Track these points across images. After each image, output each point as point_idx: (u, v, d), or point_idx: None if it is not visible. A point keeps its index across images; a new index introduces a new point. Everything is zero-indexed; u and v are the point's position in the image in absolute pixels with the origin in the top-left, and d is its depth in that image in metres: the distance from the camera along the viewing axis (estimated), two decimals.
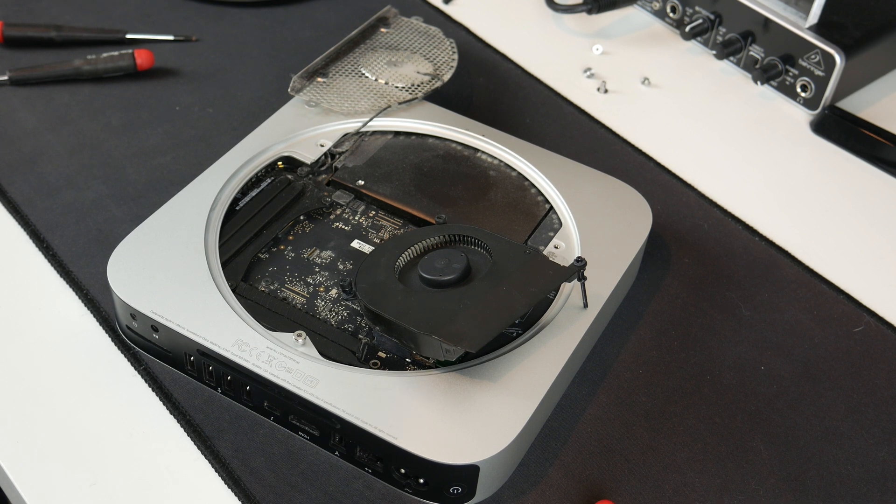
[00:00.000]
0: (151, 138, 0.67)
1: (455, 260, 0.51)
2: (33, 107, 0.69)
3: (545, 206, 0.60)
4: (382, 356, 0.51)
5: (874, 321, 0.59)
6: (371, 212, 0.60)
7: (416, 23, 0.72)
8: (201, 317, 0.51)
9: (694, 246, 0.63)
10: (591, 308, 0.53)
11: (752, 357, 0.57)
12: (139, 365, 0.54)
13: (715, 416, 0.54)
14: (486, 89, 0.74)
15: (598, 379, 0.55)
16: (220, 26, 0.77)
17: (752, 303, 0.60)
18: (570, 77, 0.76)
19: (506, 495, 0.49)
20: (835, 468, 0.52)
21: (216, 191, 0.58)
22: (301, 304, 0.54)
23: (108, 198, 0.63)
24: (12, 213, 0.61)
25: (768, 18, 0.73)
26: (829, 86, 0.72)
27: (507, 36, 0.79)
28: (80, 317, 0.56)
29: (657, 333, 0.58)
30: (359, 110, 0.64)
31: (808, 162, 0.71)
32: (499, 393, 0.49)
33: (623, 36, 0.81)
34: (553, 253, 0.57)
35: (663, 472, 0.51)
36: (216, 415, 0.52)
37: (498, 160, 0.63)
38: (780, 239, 0.64)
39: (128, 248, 0.54)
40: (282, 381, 0.48)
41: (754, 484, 0.51)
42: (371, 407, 0.48)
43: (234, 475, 0.49)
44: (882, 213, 0.67)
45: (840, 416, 0.54)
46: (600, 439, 0.52)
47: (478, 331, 0.47)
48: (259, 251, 0.56)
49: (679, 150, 0.71)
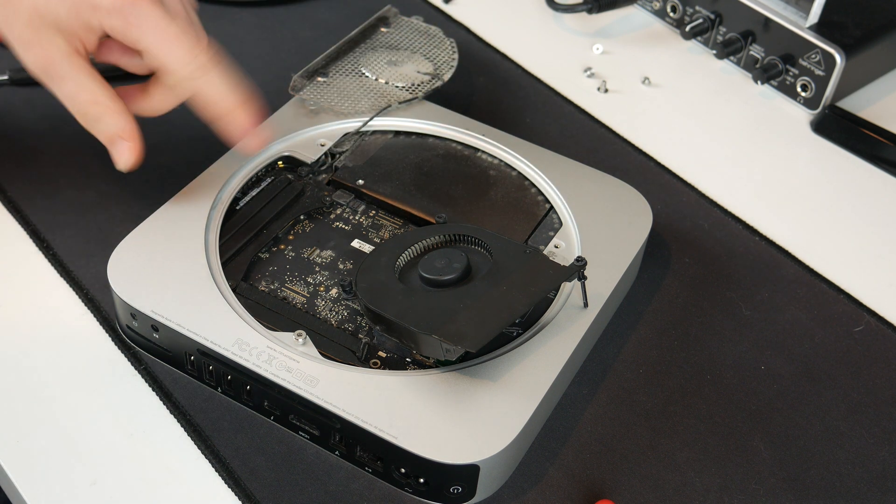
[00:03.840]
0: (151, 138, 0.67)
1: (455, 259, 0.51)
2: (33, 107, 0.69)
3: (545, 206, 0.60)
4: (383, 356, 0.51)
5: (874, 321, 0.59)
6: (371, 211, 0.60)
7: (416, 22, 0.72)
8: (201, 316, 0.51)
9: (694, 246, 0.63)
10: (591, 308, 0.53)
11: (752, 357, 0.57)
12: (139, 365, 0.54)
13: (715, 415, 0.54)
14: (487, 89, 0.74)
15: (598, 379, 0.55)
16: (220, 26, 0.77)
17: (752, 302, 0.60)
18: (571, 77, 0.76)
19: (506, 495, 0.49)
20: (835, 468, 0.52)
21: (216, 190, 0.58)
22: (301, 304, 0.54)
23: (108, 198, 0.63)
24: (12, 212, 0.61)
25: (768, 18, 0.73)
26: (830, 85, 0.72)
27: (507, 36, 0.79)
28: (80, 317, 0.56)
29: (657, 333, 0.58)
30: (359, 110, 0.64)
31: (808, 161, 0.71)
32: (499, 393, 0.49)
33: (623, 35, 0.81)
34: (553, 252, 0.57)
35: (663, 471, 0.51)
36: (216, 414, 0.52)
37: (498, 160, 0.63)
38: (780, 239, 0.64)
39: (128, 248, 0.54)
40: (282, 380, 0.48)
41: (754, 484, 0.51)
42: (371, 406, 0.48)
43: (234, 475, 0.49)
44: (882, 213, 0.67)
45: (840, 416, 0.54)
46: (600, 439, 0.52)
47: (478, 330, 0.47)
48: (259, 251, 0.56)
49: (679, 149, 0.71)
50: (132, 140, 0.54)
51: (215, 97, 0.53)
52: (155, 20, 0.51)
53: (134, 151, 0.54)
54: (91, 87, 0.52)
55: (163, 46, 0.52)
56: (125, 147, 0.53)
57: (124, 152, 0.54)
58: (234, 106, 0.54)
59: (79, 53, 0.52)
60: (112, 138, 0.54)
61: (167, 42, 0.51)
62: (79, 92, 0.53)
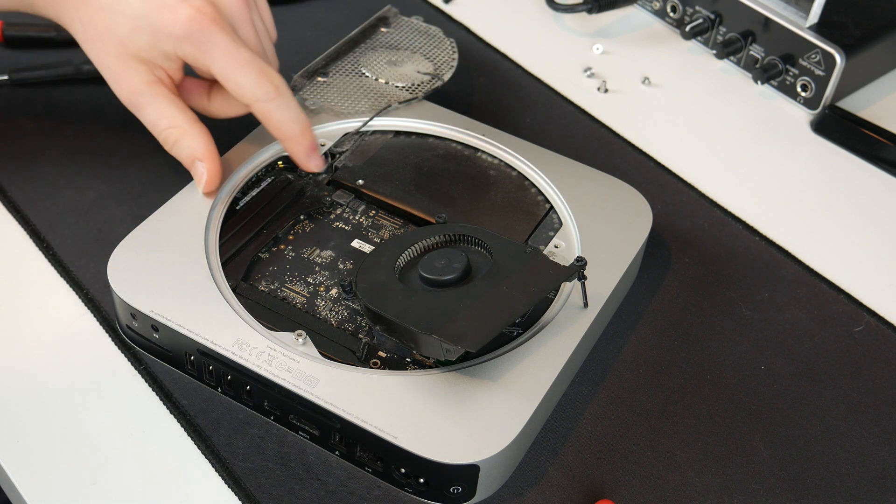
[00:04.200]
0: (151, 138, 0.67)
1: (455, 259, 0.51)
2: (33, 107, 0.69)
3: (545, 206, 0.60)
4: (383, 356, 0.51)
5: (874, 321, 0.59)
6: (371, 211, 0.60)
7: (416, 22, 0.72)
8: (201, 316, 0.51)
9: (694, 246, 0.63)
10: (591, 308, 0.53)
11: (752, 357, 0.57)
12: (139, 365, 0.54)
13: (715, 415, 0.54)
14: (487, 89, 0.74)
15: (598, 379, 0.55)
16: None
17: (752, 302, 0.60)
18: (571, 77, 0.76)
19: (506, 495, 0.49)
20: (835, 468, 0.52)
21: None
22: (301, 304, 0.54)
23: (108, 198, 0.63)
24: (12, 212, 0.61)
25: (768, 18, 0.73)
26: (830, 85, 0.72)
27: (507, 35, 0.79)
28: (80, 316, 0.56)
29: (657, 333, 0.58)
30: (359, 110, 0.64)
31: (808, 162, 0.71)
32: (499, 393, 0.49)
33: (623, 35, 0.81)
34: (553, 252, 0.57)
35: (663, 471, 0.51)
36: (216, 414, 0.52)
37: (498, 160, 0.63)
38: (780, 239, 0.64)
39: (128, 248, 0.54)
40: (282, 380, 0.48)
41: (754, 484, 0.51)
42: (371, 406, 0.48)
43: (234, 475, 0.49)
44: (882, 213, 0.67)
45: (840, 416, 0.54)
46: (600, 439, 0.52)
47: (478, 330, 0.47)
48: (259, 251, 0.56)
49: (679, 149, 0.71)
50: (208, 161, 0.56)
51: (279, 123, 0.56)
52: (224, 47, 0.54)
53: (209, 171, 0.56)
54: (170, 113, 0.56)
55: (231, 71, 0.54)
56: (202, 168, 0.56)
57: (201, 173, 0.56)
58: (298, 133, 0.57)
59: (161, 82, 0.56)
60: (190, 160, 0.57)
61: (235, 67, 0.54)
62: (159, 118, 0.56)
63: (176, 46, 0.54)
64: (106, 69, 0.56)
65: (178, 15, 0.53)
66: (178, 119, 0.56)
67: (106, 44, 0.55)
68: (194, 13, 0.53)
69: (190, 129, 0.56)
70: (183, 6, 0.54)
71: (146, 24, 0.54)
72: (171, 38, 0.54)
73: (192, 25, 0.53)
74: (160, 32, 0.54)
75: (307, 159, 0.58)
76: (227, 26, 0.55)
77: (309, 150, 0.58)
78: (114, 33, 0.55)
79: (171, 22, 0.53)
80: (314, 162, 0.59)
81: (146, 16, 0.54)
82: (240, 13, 0.56)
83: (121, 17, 0.54)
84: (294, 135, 0.57)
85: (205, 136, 0.57)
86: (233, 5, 0.56)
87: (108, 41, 0.55)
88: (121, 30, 0.54)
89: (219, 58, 0.54)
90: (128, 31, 0.54)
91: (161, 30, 0.54)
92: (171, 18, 0.53)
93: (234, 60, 0.54)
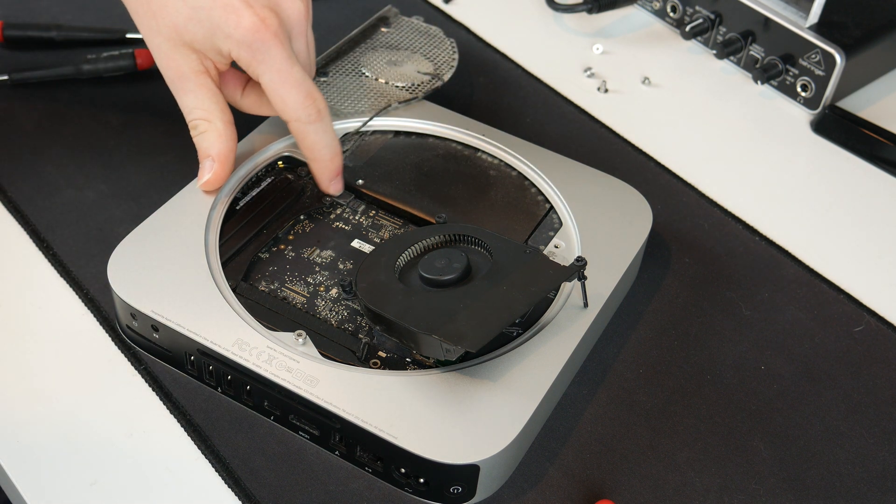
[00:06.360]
0: (151, 138, 0.67)
1: (455, 259, 0.51)
2: (33, 107, 0.69)
3: (545, 206, 0.60)
4: (383, 356, 0.51)
5: (874, 321, 0.59)
6: (371, 211, 0.60)
7: (416, 22, 0.72)
8: (201, 316, 0.51)
9: (694, 246, 0.63)
10: (591, 308, 0.53)
11: (752, 357, 0.57)
12: (139, 364, 0.54)
13: (715, 415, 0.54)
14: (487, 89, 0.74)
15: (598, 379, 0.55)
16: None
17: (752, 302, 0.60)
18: (571, 77, 0.76)
19: (506, 495, 0.49)
20: (835, 468, 0.52)
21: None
22: (301, 304, 0.54)
23: (108, 198, 0.63)
24: (12, 212, 0.61)
25: (768, 18, 0.73)
26: (830, 85, 0.72)
27: (507, 36, 0.79)
28: (80, 316, 0.56)
29: (657, 333, 0.58)
30: (359, 110, 0.64)
31: (808, 162, 0.71)
32: (499, 393, 0.49)
33: (623, 35, 0.81)
34: (553, 252, 0.57)
35: (663, 471, 0.51)
36: (216, 414, 0.52)
37: (498, 160, 0.63)
38: (780, 239, 0.64)
39: (128, 248, 0.54)
40: (282, 380, 0.48)
41: (754, 484, 0.51)
42: (371, 406, 0.48)
43: (234, 475, 0.49)
44: (882, 213, 0.67)
45: (840, 416, 0.54)
46: (600, 439, 0.52)
47: (478, 330, 0.47)
48: (259, 251, 0.56)
49: (679, 149, 0.71)
50: (220, 164, 0.57)
51: (312, 145, 0.57)
52: (279, 61, 0.54)
53: (215, 173, 0.57)
54: (207, 106, 0.56)
55: (280, 88, 0.55)
56: (210, 167, 0.57)
57: (207, 171, 0.57)
58: (328, 158, 0.57)
59: (207, 73, 0.56)
60: (205, 154, 0.57)
61: (285, 85, 0.54)
62: (195, 107, 0.56)
63: (232, 48, 0.54)
64: (156, 48, 0.56)
65: (242, 20, 0.53)
66: (214, 114, 0.56)
67: (160, 24, 0.54)
68: (259, 24, 0.53)
69: (220, 127, 0.56)
70: (248, 12, 0.53)
71: (206, 17, 0.53)
72: (229, 39, 0.53)
73: (255, 35, 0.53)
74: (219, 30, 0.53)
75: (329, 183, 0.59)
76: (286, 40, 0.54)
77: (334, 175, 0.58)
78: (170, 17, 0.54)
79: (234, 25, 0.53)
80: (335, 186, 0.59)
81: (208, 10, 0.53)
82: (299, 25, 0.56)
83: (181, 4, 0.53)
84: (324, 159, 0.57)
85: (229, 140, 0.57)
86: (295, 17, 0.56)
87: (163, 22, 0.54)
88: (178, 16, 0.54)
89: (272, 72, 0.54)
90: (185, 19, 0.54)
91: (221, 28, 0.53)
92: (234, 21, 0.53)
93: (285, 77, 0.54)
